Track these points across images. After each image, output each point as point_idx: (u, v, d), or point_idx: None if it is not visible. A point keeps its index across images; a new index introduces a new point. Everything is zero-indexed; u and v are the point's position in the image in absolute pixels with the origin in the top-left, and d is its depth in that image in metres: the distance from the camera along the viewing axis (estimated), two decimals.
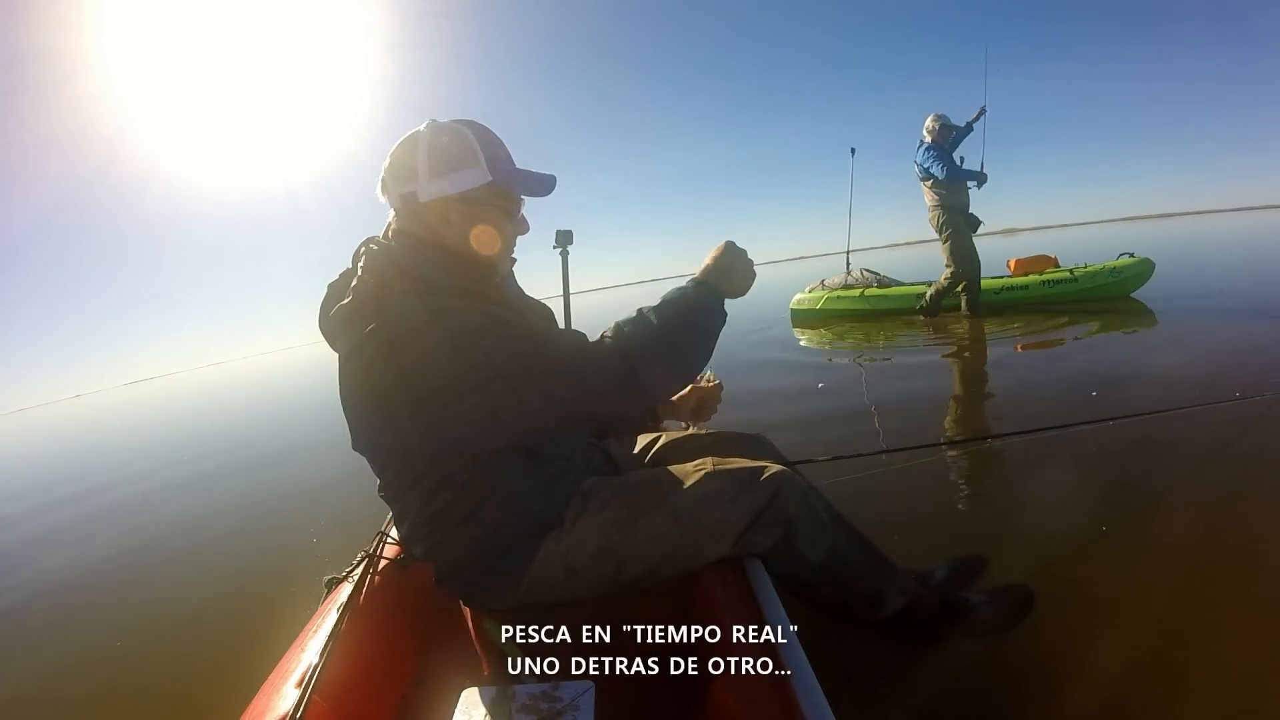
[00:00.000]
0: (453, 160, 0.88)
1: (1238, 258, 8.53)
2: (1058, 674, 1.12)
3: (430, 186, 0.87)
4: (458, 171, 0.88)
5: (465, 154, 0.88)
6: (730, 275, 0.98)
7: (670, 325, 0.91)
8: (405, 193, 0.89)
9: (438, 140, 0.88)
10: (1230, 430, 2.04)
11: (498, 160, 0.91)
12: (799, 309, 6.47)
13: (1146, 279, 5.14)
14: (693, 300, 0.95)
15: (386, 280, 0.86)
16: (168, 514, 3.54)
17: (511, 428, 0.87)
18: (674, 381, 0.93)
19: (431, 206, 0.89)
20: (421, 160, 0.87)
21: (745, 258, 0.99)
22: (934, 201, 4.80)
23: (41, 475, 6.79)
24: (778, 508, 0.97)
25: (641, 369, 0.87)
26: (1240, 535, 1.51)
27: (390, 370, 0.82)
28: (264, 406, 9.62)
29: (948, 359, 3.87)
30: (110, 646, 1.94)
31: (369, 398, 0.87)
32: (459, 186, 0.88)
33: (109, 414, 16.53)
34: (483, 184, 0.89)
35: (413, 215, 0.90)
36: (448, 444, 0.87)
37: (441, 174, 0.87)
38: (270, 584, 2.13)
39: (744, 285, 0.99)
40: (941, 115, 4.78)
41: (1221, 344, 3.28)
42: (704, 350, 0.95)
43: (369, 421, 0.90)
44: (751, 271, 0.99)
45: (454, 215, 0.89)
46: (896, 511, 1.81)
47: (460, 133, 0.89)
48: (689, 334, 0.93)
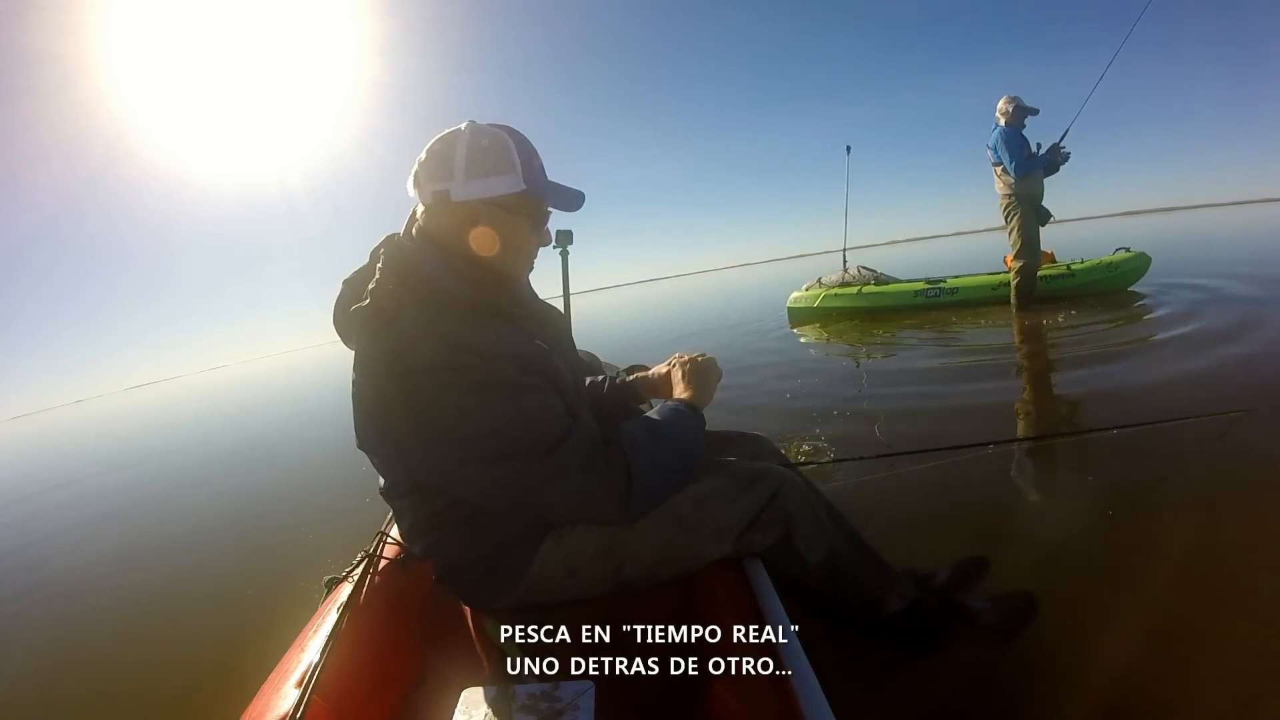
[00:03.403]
0: (490, 164, 0.88)
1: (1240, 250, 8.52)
2: (1057, 674, 1.13)
3: (465, 187, 0.87)
4: (494, 176, 0.88)
5: (503, 159, 0.88)
6: (706, 390, 1.09)
7: (670, 452, 0.94)
8: (439, 189, 0.88)
9: (477, 142, 0.88)
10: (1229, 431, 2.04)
11: (532, 170, 0.91)
12: (796, 307, 6.46)
13: (1143, 273, 5.16)
14: (692, 426, 1.00)
15: (404, 288, 0.85)
16: (167, 515, 3.54)
17: (509, 501, 0.89)
18: (664, 498, 0.96)
19: (462, 207, 0.89)
20: (460, 159, 0.87)
21: (714, 374, 1.12)
22: (1004, 189, 4.54)
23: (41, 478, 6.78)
24: (777, 507, 0.97)
25: (641, 493, 0.89)
26: (1241, 537, 1.51)
27: (400, 404, 0.82)
28: (263, 409, 9.61)
29: (948, 358, 3.87)
30: (110, 647, 1.94)
31: (378, 418, 0.87)
32: (493, 191, 0.88)
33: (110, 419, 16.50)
34: (516, 191, 0.89)
35: (441, 213, 0.90)
36: (450, 484, 0.89)
37: (477, 176, 0.87)
38: (270, 584, 2.13)
39: (710, 395, 1.10)
40: (1015, 97, 4.41)
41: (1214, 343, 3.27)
42: (693, 468, 1.00)
43: (379, 436, 0.90)
44: (715, 381, 1.12)
45: (483, 219, 0.89)
46: (897, 513, 1.81)
47: (500, 138, 0.89)
48: (684, 457, 0.97)
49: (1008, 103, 4.43)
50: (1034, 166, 4.39)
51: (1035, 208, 4.55)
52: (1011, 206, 4.56)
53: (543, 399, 0.86)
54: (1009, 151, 4.38)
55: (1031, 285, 4.74)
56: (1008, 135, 4.40)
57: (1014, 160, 4.36)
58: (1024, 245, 4.58)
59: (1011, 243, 4.66)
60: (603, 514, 0.89)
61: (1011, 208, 4.56)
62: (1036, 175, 4.46)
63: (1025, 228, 4.53)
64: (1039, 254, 4.71)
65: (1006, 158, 4.39)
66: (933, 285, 5.73)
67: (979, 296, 5.42)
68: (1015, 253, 4.67)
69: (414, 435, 0.84)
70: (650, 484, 0.90)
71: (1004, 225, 4.69)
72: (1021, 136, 4.43)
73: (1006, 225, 4.65)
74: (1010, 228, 4.61)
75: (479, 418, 0.81)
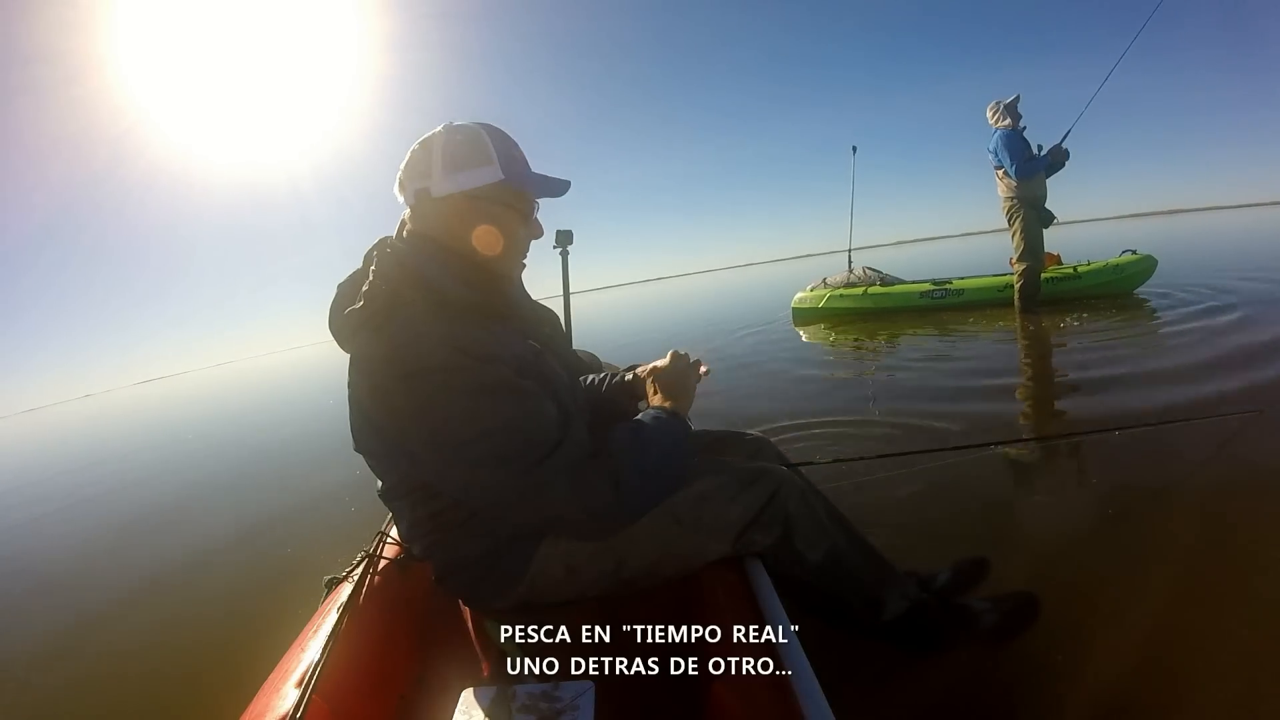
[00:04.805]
0: (466, 158, 0.89)
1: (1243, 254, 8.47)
2: (1057, 675, 1.12)
3: (443, 183, 0.88)
4: (471, 169, 0.89)
5: (479, 152, 0.89)
6: (685, 395, 1.08)
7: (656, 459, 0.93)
8: (419, 189, 0.90)
9: (452, 139, 0.90)
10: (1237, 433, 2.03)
11: (512, 161, 0.91)
12: (800, 307, 6.46)
13: (1149, 275, 5.14)
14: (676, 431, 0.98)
15: (398, 288, 0.85)
16: (167, 515, 3.54)
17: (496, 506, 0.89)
18: (651, 506, 0.94)
19: (444, 203, 0.90)
20: (436, 157, 0.89)
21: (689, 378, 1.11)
22: (1006, 192, 4.56)
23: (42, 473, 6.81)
24: (777, 507, 0.97)
25: (627, 505, 0.88)
26: (1245, 538, 1.51)
27: (398, 405, 0.82)
28: (267, 406, 9.63)
29: (952, 359, 3.85)
30: (109, 646, 1.95)
31: (375, 419, 0.88)
32: (472, 183, 0.89)
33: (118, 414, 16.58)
34: (495, 181, 0.90)
35: (426, 212, 0.91)
36: (443, 485, 0.90)
37: (455, 170, 0.88)
38: (270, 584, 2.13)
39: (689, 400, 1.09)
40: (996, 101, 4.46)
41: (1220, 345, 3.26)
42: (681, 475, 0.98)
43: (375, 436, 0.90)
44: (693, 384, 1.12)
45: (466, 212, 0.90)
46: (897, 514, 1.80)
47: (475, 133, 0.90)
48: (671, 464, 0.96)
49: (993, 109, 4.50)
50: (1035, 168, 4.40)
51: (1038, 210, 4.55)
52: (1014, 209, 4.57)
53: (536, 405, 0.85)
54: (1009, 153, 4.39)
55: (1035, 288, 4.74)
56: (1008, 138, 4.41)
57: (1014, 163, 4.37)
58: (1026, 248, 4.59)
59: (1014, 245, 4.67)
60: (587, 529, 0.90)
61: (1014, 210, 4.57)
62: (1039, 177, 4.47)
63: (1027, 230, 4.54)
64: (1042, 257, 4.71)
65: (1007, 160, 4.40)
66: (938, 286, 5.71)
67: (985, 298, 5.40)
68: (1018, 255, 4.68)
69: (410, 436, 0.84)
70: (637, 495, 0.89)
71: (1007, 228, 4.70)
72: (1022, 139, 4.44)
73: (1009, 228, 4.67)
74: (1013, 230, 4.63)
75: (473, 421, 0.81)
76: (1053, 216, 4.60)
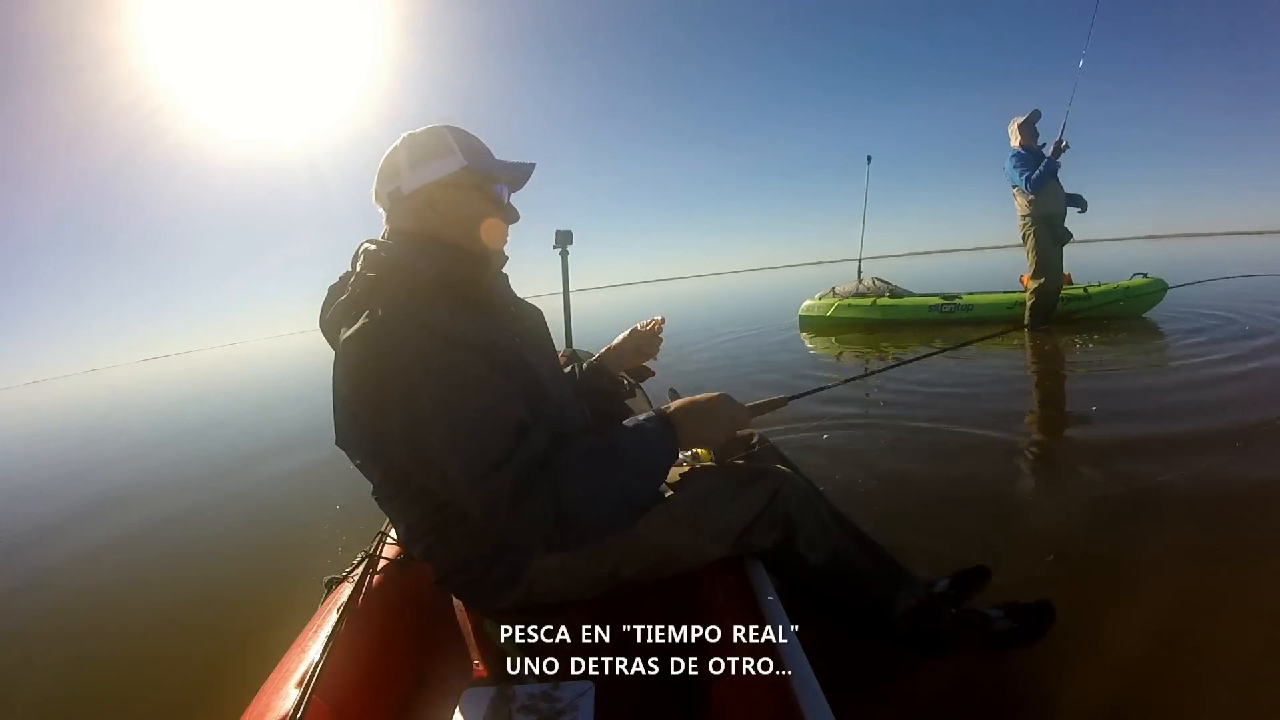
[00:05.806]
0: (429, 152, 0.94)
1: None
2: (1058, 675, 1.12)
3: (411, 179, 0.93)
4: (434, 161, 0.93)
5: (440, 145, 0.94)
6: (703, 427, 0.93)
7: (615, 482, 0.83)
8: (391, 190, 0.95)
9: (414, 140, 0.95)
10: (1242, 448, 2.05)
11: (475, 151, 0.96)
12: (808, 315, 6.43)
13: (1159, 299, 5.08)
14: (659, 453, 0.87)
15: (380, 277, 0.88)
16: (166, 514, 3.52)
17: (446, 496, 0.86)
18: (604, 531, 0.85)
19: (415, 196, 0.94)
20: (402, 158, 0.94)
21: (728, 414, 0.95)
22: (1022, 210, 4.62)
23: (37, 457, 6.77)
24: (777, 508, 0.96)
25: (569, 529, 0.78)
26: (1247, 543, 1.51)
27: (370, 386, 0.81)
28: (271, 393, 9.45)
29: (960, 374, 3.83)
30: (109, 646, 1.94)
31: (352, 406, 0.87)
32: (437, 173, 0.93)
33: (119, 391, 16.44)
34: (459, 168, 0.94)
35: (401, 209, 0.96)
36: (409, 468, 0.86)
37: (420, 165, 0.93)
38: (270, 584, 2.13)
39: (711, 438, 0.96)
40: (1015, 117, 4.51)
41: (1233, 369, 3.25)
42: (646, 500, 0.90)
43: (352, 422, 0.89)
44: (730, 428, 0.96)
45: (438, 201, 0.94)
46: (897, 516, 1.81)
47: (434, 130, 0.96)
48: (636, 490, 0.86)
49: (1014, 125, 4.56)
50: (1044, 177, 4.44)
51: (1053, 228, 4.60)
52: (1028, 226, 4.63)
53: (498, 403, 0.81)
54: (1018, 171, 4.48)
55: (1047, 305, 4.73)
56: (1017, 156, 4.53)
57: (1024, 177, 4.45)
58: (1039, 265, 4.63)
59: (1029, 263, 4.71)
60: (526, 548, 0.91)
61: (1028, 227, 4.63)
62: (1052, 187, 4.50)
63: (1040, 248, 4.59)
64: (1059, 275, 4.72)
65: (1016, 176, 4.50)
66: (948, 301, 5.68)
67: (994, 314, 5.35)
68: (1031, 272, 4.72)
69: (381, 415, 0.82)
70: (577, 523, 0.79)
71: (1022, 244, 4.74)
72: (1031, 155, 4.51)
73: (1024, 245, 4.71)
74: (1028, 248, 4.68)
75: (435, 402, 0.78)
76: (1070, 235, 4.64)
